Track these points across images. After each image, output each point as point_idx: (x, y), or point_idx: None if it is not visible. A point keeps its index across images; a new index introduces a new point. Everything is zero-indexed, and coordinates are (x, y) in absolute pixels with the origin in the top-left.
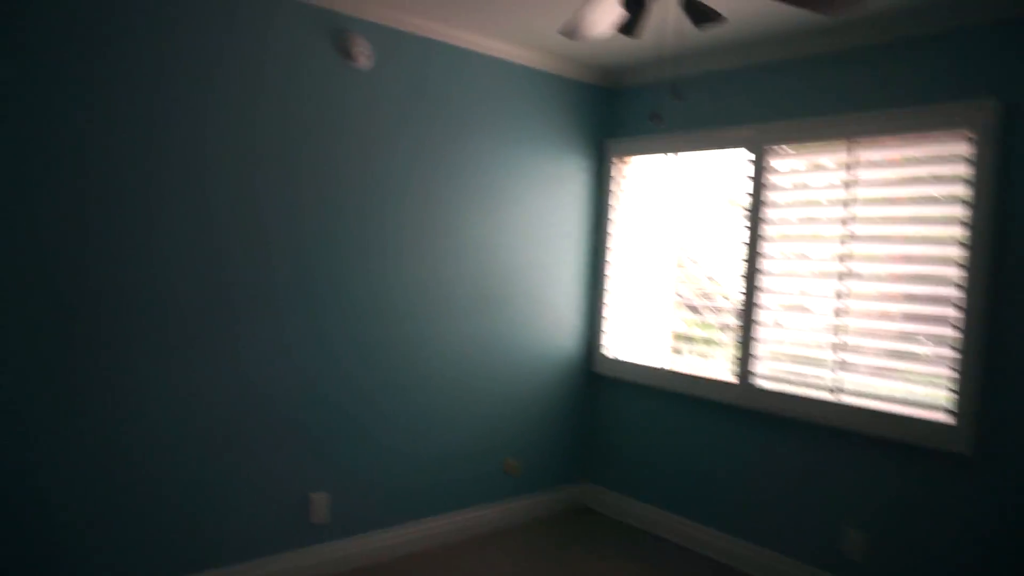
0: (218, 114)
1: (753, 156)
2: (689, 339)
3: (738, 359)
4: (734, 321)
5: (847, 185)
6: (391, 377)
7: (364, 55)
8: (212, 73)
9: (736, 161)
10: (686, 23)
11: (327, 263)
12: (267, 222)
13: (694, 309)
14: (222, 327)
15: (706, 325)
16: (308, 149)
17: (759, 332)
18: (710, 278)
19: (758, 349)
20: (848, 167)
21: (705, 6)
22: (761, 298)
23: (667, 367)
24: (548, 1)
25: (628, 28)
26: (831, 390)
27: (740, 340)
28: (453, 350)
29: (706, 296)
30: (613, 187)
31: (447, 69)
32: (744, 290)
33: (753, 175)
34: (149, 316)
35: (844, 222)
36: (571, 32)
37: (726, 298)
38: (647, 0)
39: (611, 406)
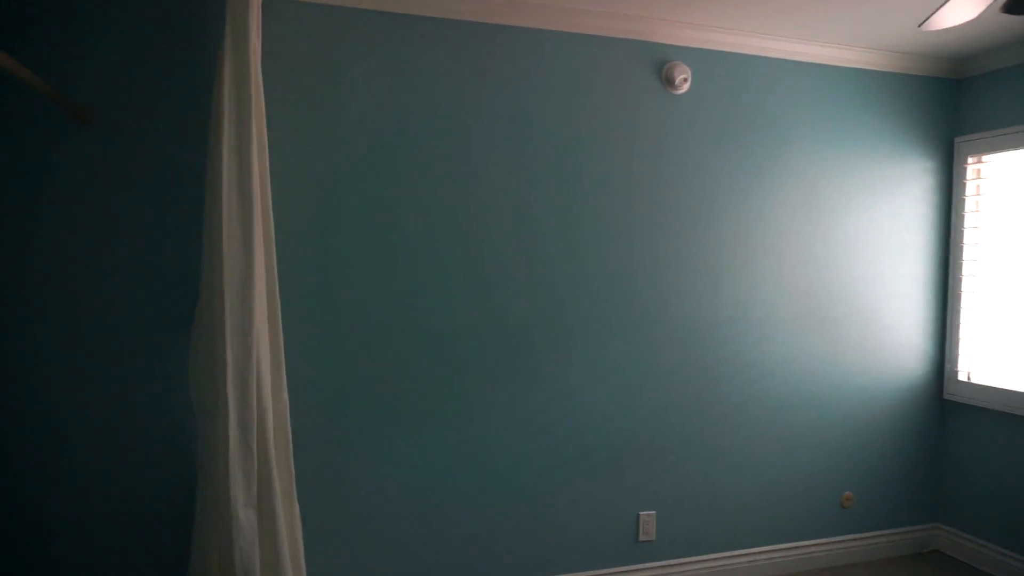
0: (549, 147)
1: None
2: None
3: None
4: None
5: None
6: (714, 400)
7: (684, 80)
8: (565, 112)
9: None
10: None
11: (650, 286)
12: (593, 250)
13: None
14: (558, 354)
15: None
16: (634, 175)
17: None
18: None
19: None
20: None
21: None
22: None
23: None
24: None
25: (1019, 5)
26: None
27: None
28: (778, 374)
29: None
30: (967, 190)
31: (764, 82)
32: None
33: None
34: (492, 345)
35: None
36: (935, 22)
37: None
38: None
39: (967, 437)
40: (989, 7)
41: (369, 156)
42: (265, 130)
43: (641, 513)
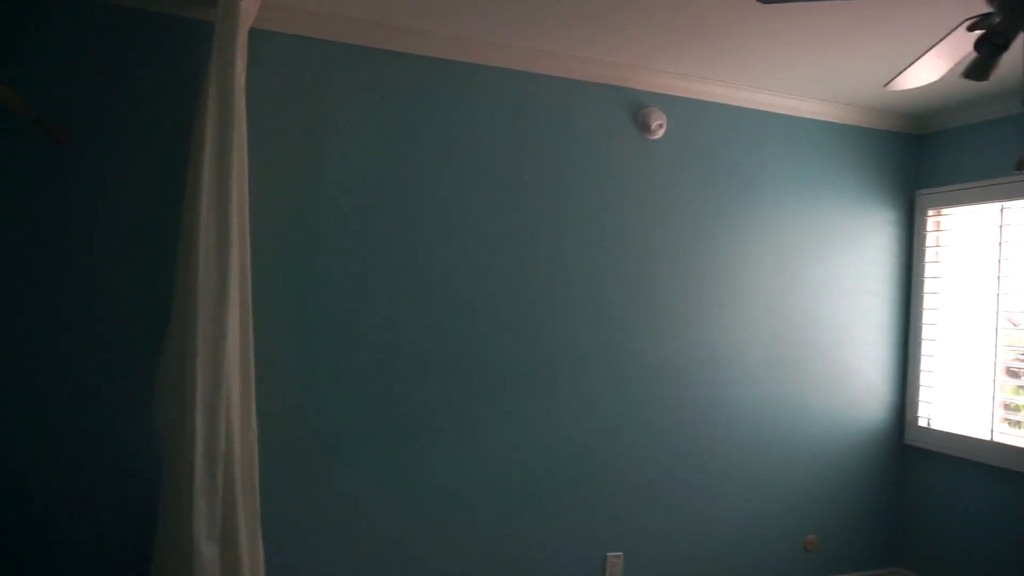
0: (536, 187)
1: None
2: (1020, 408)
3: None
4: None
5: None
6: (681, 443)
7: (659, 126)
8: (549, 154)
9: None
10: None
11: (624, 328)
12: (572, 290)
13: (1016, 374)
14: (531, 393)
15: None
16: (610, 217)
17: None
18: None
19: None
20: None
21: None
22: None
23: (997, 440)
24: (842, 55)
25: (978, 72)
26: None
27: None
28: (745, 416)
29: None
30: (927, 241)
31: (735, 131)
32: None
33: None
34: (468, 381)
35: None
36: (900, 83)
37: None
38: (1010, 41)
39: (927, 482)
40: (951, 71)
41: (352, 188)
42: (246, 159)
43: (608, 554)
